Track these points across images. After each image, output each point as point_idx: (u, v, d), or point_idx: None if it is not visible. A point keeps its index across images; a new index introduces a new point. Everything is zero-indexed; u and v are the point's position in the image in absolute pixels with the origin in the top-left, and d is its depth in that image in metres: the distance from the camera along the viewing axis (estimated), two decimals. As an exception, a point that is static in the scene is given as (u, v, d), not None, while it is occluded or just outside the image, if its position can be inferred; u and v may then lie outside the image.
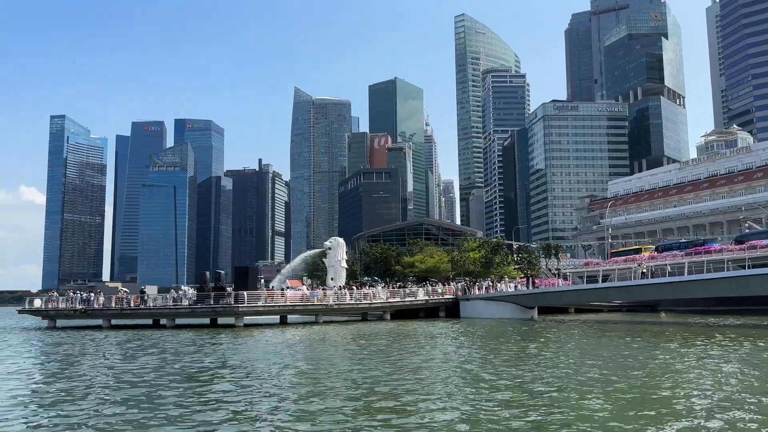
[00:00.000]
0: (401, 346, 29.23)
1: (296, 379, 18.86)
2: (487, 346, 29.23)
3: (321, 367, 21.59)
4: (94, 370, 21.72)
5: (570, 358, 23.68)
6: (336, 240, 72.84)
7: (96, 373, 20.66)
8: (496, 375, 18.54)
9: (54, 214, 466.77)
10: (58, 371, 21.79)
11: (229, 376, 19.59)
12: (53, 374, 21.03)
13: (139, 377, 19.32)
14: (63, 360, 25.74)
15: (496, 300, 53.57)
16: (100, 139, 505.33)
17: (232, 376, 19.43)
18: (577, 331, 38.59)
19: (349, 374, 19.48)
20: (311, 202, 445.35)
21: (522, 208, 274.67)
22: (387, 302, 53.97)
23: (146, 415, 13.44)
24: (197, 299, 47.90)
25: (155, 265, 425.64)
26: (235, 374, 19.95)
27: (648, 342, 29.58)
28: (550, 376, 18.07)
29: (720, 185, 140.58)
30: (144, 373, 20.21)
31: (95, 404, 14.78)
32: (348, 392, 16.09)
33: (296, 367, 21.94)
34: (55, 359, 26.32)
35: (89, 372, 21.13)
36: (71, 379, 19.58)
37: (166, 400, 15.14)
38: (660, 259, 70.30)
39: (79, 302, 51.32)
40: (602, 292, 46.27)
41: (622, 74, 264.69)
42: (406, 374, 19.23)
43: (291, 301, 49.07)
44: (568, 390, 15.66)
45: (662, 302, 65.62)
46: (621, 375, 18.13)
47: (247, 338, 36.55)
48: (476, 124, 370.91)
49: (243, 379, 18.81)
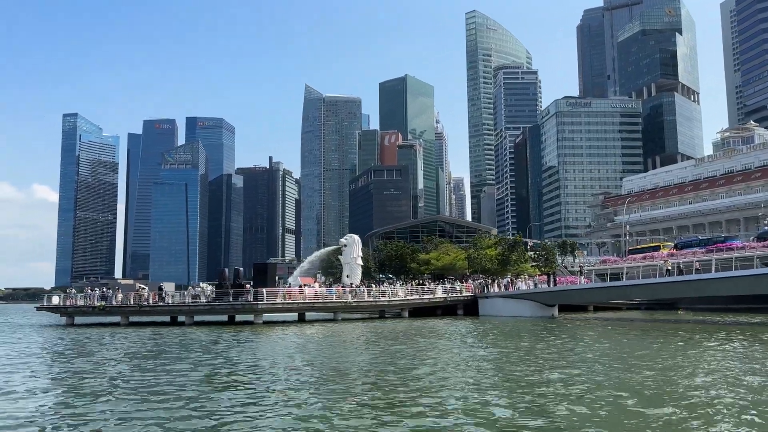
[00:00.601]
0: (432, 345, 28.74)
1: (334, 378, 18.48)
2: (521, 345, 28.62)
3: (354, 365, 21.20)
4: (135, 367, 21.46)
5: (618, 359, 23.04)
6: (352, 237, 72.33)
7: (134, 373, 20.38)
8: (548, 378, 17.96)
9: (67, 211, 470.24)
10: (92, 370, 21.52)
11: (271, 373, 19.29)
12: (80, 373, 20.75)
13: (182, 377, 18.98)
14: (94, 358, 25.50)
15: (516, 298, 52.98)
16: (112, 137, 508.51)
17: (272, 374, 19.12)
18: (608, 330, 37.93)
19: (387, 372, 19.07)
20: (322, 200, 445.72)
21: (534, 205, 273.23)
22: (405, 300, 53.55)
23: (197, 414, 13.11)
24: (216, 296, 47.68)
25: (167, 262, 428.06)
26: (277, 371, 19.65)
27: (693, 341, 28.67)
28: (611, 380, 17.34)
29: (737, 182, 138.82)
30: (185, 373, 19.89)
31: (139, 404, 14.47)
32: (393, 390, 15.69)
33: (330, 366, 21.56)
34: (85, 357, 26.08)
35: (128, 372, 20.85)
36: (112, 378, 19.30)
37: (211, 400, 14.82)
38: (680, 257, 69.49)
39: (98, 299, 51.24)
40: (626, 290, 45.58)
41: (636, 70, 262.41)
42: (449, 374, 18.78)
43: (309, 299, 48.75)
44: (643, 394, 15.11)
45: (681, 300, 64.92)
46: (680, 376, 17.53)
47: (270, 335, 36.24)
48: (487, 121, 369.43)
49: (286, 378, 18.47)
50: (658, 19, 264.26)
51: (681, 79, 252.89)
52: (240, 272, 49.69)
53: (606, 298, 51.08)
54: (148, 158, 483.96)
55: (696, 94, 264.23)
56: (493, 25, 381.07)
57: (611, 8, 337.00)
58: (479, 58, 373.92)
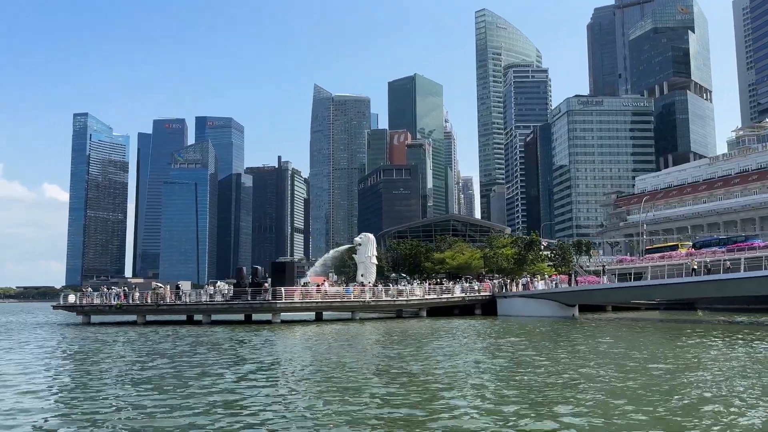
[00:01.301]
0: (465, 346, 28.15)
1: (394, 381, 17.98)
2: (557, 346, 27.91)
3: (394, 366, 20.70)
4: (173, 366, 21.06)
5: (663, 359, 22.40)
6: (366, 236, 71.73)
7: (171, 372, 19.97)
8: (604, 381, 17.39)
9: (77, 211, 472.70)
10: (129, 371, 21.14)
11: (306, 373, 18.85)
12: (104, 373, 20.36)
13: (218, 376, 18.58)
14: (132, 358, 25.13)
15: (536, 298, 52.32)
16: (123, 137, 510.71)
17: (306, 374, 18.68)
18: (645, 331, 37.22)
19: (426, 373, 18.57)
20: (330, 199, 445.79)
21: (545, 204, 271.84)
22: (424, 299, 53.02)
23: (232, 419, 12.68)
24: (234, 295, 47.29)
25: (177, 261, 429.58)
26: (312, 371, 19.20)
27: (744, 343, 27.87)
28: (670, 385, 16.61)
29: (752, 180, 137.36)
30: (219, 372, 19.49)
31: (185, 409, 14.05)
32: (433, 391, 15.19)
33: (364, 368, 21.07)
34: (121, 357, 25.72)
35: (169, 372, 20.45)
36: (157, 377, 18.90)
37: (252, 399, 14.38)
38: (699, 256, 68.66)
39: (114, 298, 51.03)
40: (651, 290, 44.79)
41: (648, 68, 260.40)
42: (494, 378, 18.26)
43: (327, 297, 48.32)
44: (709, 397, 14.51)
45: (701, 300, 64.10)
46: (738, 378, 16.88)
47: (293, 334, 35.80)
48: (497, 120, 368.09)
49: (325, 379, 18.00)
50: (671, 17, 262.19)
51: (693, 77, 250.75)
52: (259, 271, 49.18)
53: (629, 297, 50.35)
54: (158, 158, 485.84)
55: (708, 93, 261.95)
56: (502, 24, 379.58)
57: (623, 6, 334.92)
58: (489, 56, 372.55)
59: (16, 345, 31.64)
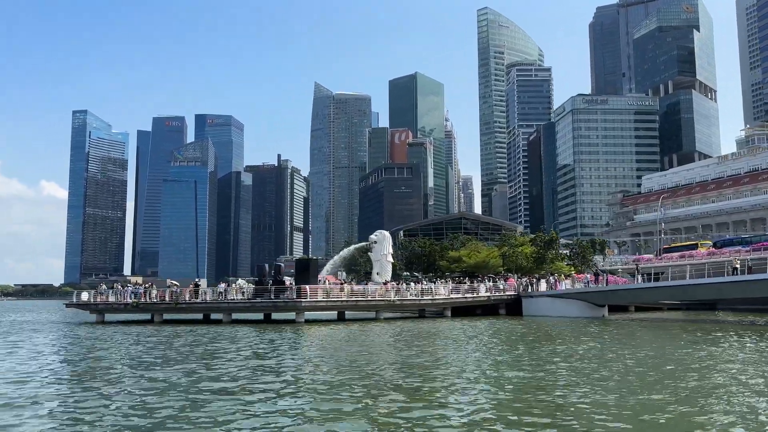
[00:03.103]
0: (528, 349, 26.64)
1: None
2: (623, 349, 26.48)
3: (468, 369, 19.16)
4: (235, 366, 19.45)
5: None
6: (382, 233, 70.11)
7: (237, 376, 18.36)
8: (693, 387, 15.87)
9: (76, 208, 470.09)
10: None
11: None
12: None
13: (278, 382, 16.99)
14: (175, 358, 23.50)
15: (563, 297, 50.83)
16: (122, 134, 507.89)
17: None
18: (697, 332, 35.82)
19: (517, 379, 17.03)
20: (331, 198, 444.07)
21: (548, 203, 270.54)
22: (449, 298, 51.48)
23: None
24: (256, 293, 45.66)
25: (176, 259, 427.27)
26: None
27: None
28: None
29: (762, 180, 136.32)
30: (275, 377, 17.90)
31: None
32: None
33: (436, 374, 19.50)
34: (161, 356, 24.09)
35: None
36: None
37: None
38: (722, 255, 67.46)
39: (130, 296, 49.43)
40: (691, 290, 43.35)
41: (652, 67, 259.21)
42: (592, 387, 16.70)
43: (353, 296, 46.78)
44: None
45: (721, 301, 63.19)
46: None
47: (327, 335, 34.21)
48: (499, 119, 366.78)
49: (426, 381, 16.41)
50: (675, 16, 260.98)
51: (698, 77, 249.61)
52: (281, 268, 47.52)
53: (664, 297, 48.96)
54: (157, 155, 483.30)
55: (713, 92, 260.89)
56: (505, 22, 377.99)
57: (626, 5, 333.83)
58: (491, 55, 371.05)
59: (48, 349, 29.98)
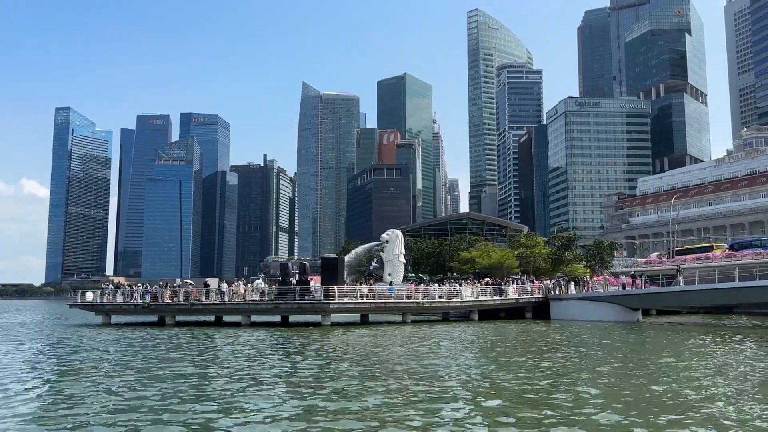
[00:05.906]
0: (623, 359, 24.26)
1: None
2: (740, 358, 24.23)
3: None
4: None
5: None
6: (394, 233, 67.43)
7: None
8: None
9: (58, 206, 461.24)
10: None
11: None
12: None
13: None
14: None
15: (595, 300, 48.71)
16: (105, 132, 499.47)
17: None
18: (739, 335, 33.78)
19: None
20: (318, 199, 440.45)
21: (539, 206, 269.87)
22: (478, 301, 49.13)
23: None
24: (278, 293, 42.86)
25: (159, 259, 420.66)
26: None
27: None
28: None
29: (760, 183, 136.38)
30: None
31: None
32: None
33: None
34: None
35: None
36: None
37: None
38: (741, 258, 66.24)
39: (141, 296, 46.42)
40: (737, 293, 41.50)
41: (644, 70, 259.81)
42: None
43: (381, 298, 44.22)
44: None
45: (737, 306, 62.36)
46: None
47: (375, 340, 31.55)
48: (488, 121, 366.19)
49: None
50: (667, 19, 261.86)
51: (690, 80, 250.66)
52: (306, 267, 44.65)
53: (707, 301, 47.07)
54: (141, 154, 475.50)
55: (704, 96, 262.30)
56: (494, 24, 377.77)
57: (617, 8, 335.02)
58: (480, 57, 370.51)
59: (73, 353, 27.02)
